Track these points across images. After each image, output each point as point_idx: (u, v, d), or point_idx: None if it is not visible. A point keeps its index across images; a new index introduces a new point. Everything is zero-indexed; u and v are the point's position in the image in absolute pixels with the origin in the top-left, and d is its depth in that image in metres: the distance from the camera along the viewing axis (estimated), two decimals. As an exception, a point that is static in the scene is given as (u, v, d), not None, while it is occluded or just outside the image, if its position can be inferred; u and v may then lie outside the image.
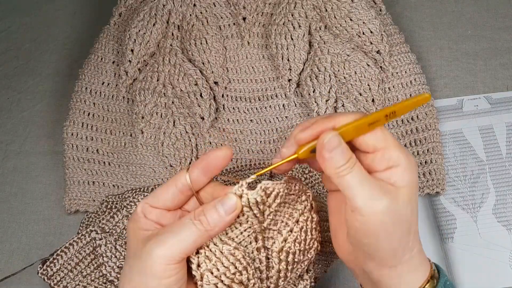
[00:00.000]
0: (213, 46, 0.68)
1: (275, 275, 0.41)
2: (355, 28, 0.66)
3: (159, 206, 0.39)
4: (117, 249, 0.56)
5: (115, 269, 0.55)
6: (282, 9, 0.68)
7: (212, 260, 0.38)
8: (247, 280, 0.39)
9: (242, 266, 0.38)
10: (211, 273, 0.37)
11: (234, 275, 0.38)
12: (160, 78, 0.67)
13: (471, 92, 0.70)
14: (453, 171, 0.64)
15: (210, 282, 0.37)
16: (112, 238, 0.57)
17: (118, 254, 0.56)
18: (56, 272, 0.57)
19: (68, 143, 0.67)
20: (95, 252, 0.57)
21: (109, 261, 0.56)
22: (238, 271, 0.38)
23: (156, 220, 0.39)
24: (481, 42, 0.73)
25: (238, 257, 0.38)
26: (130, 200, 0.60)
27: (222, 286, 0.38)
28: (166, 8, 0.70)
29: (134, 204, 0.60)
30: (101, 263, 0.56)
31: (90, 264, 0.57)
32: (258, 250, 0.41)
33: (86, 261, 0.57)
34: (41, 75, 0.77)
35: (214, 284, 0.38)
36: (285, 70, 0.67)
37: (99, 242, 0.57)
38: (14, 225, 0.66)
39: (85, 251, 0.58)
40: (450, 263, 0.58)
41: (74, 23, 0.82)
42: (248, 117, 0.69)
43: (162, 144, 0.66)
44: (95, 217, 0.62)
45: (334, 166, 0.36)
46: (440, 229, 0.61)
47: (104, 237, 0.57)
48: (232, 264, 0.38)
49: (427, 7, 0.77)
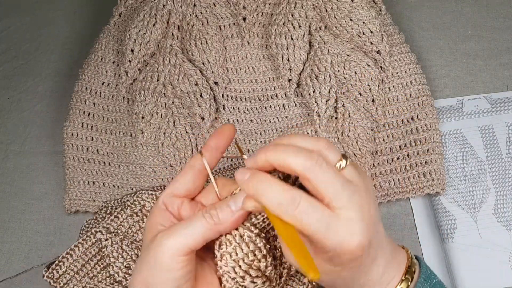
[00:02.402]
0: (213, 46, 0.68)
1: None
2: (355, 28, 0.66)
3: (181, 192, 0.41)
4: (124, 249, 0.56)
5: (122, 269, 0.55)
6: (282, 9, 0.68)
7: (232, 244, 0.38)
8: (264, 267, 0.39)
9: (261, 255, 0.39)
10: (229, 256, 0.38)
11: (252, 262, 0.38)
12: (160, 78, 0.67)
13: (471, 92, 0.70)
14: (453, 171, 0.64)
15: (228, 264, 0.38)
16: (117, 238, 0.57)
17: (124, 254, 0.56)
18: (62, 274, 0.56)
19: (68, 143, 0.67)
20: (101, 253, 0.57)
21: (116, 261, 0.55)
22: (257, 259, 0.38)
23: (176, 212, 0.40)
24: (481, 42, 0.73)
25: (259, 245, 0.39)
26: (134, 199, 0.60)
27: (239, 271, 0.38)
28: (166, 8, 0.70)
29: (138, 203, 0.59)
30: (108, 264, 0.56)
31: (96, 265, 0.57)
32: (274, 237, 0.41)
33: (93, 262, 0.57)
34: (41, 75, 0.77)
35: (232, 267, 0.38)
36: (285, 70, 0.67)
37: (105, 243, 0.56)
38: (14, 225, 0.66)
39: (91, 252, 0.57)
40: (450, 263, 0.58)
41: (74, 23, 0.82)
42: (248, 117, 0.69)
43: (162, 144, 0.66)
44: (95, 222, 0.62)
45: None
46: (440, 229, 0.61)
47: (110, 238, 0.56)
48: (251, 251, 0.38)
49: (427, 7, 0.77)
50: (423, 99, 0.66)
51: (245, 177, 0.37)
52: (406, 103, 0.66)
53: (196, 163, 0.41)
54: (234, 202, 0.38)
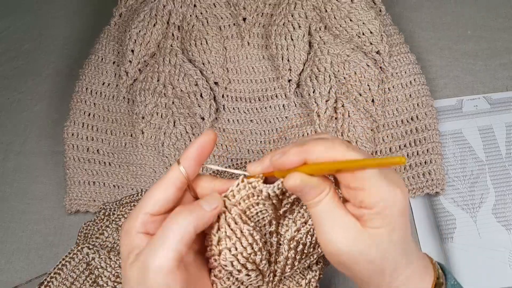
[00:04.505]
0: (213, 46, 0.69)
1: (283, 261, 0.42)
2: (355, 29, 0.66)
3: (160, 211, 0.38)
4: (111, 259, 0.56)
5: (111, 278, 0.55)
6: (282, 10, 0.68)
7: (233, 239, 0.38)
8: (259, 260, 0.39)
9: (258, 247, 0.39)
10: (229, 251, 0.38)
11: (250, 255, 0.39)
12: (161, 78, 0.67)
13: (471, 92, 0.70)
14: (453, 171, 0.64)
15: (227, 259, 0.38)
16: (105, 250, 0.57)
17: (112, 263, 0.56)
18: None
19: (68, 143, 0.67)
20: (89, 268, 0.57)
21: (104, 271, 0.55)
22: (253, 252, 0.39)
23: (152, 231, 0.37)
24: (481, 42, 0.73)
25: (256, 238, 0.39)
26: (118, 214, 0.60)
27: (237, 265, 0.38)
28: (167, 9, 0.70)
29: (122, 217, 0.60)
30: (97, 276, 0.56)
31: (85, 282, 0.57)
32: (270, 234, 0.41)
33: (81, 279, 0.57)
34: (41, 75, 0.78)
35: (230, 262, 0.38)
36: (285, 70, 0.67)
37: (92, 256, 0.56)
38: (14, 225, 0.66)
39: (79, 268, 0.57)
40: (450, 263, 0.58)
41: (74, 23, 0.82)
42: (248, 118, 0.69)
43: (163, 144, 0.66)
44: (93, 225, 0.62)
45: (304, 200, 0.37)
46: (440, 229, 0.61)
47: (97, 251, 0.56)
48: (249, 244, 0.38)
49: (427, 7, 0.77)
50: (422, 99, 0.66)
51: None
52: (405, 103, 0.66)
53: (174, 178, 0.38)
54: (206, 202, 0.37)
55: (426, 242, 0.60)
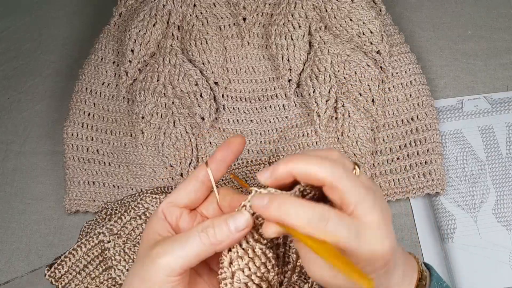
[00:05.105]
0: (213, 46, 0.68)
1: (291, 271, 0.42)
2: (355, 29, 0.66)
3: (182, 202, 0.40)
4: (126, 252, 0.56)
5: (124, 272, 0.55)
6: (282, 10, 0.68)
7: (245, 260, 0.37)
8: (272, 277, 0.39)
9: (271, 265, 0.38)
10: (242, 272, 0.37)
11: (263, 274, 0.37)
12: (160, 78, 0.67)
13: (471, 92, 0.70)
14: (453, 171, 0.64)
15: (241, 280, 0.37)
16: (120, 241, 0.56)
17: (127, 258, 0.56)
18: (64, 274, 0.56)
19: (68, 143, 0.67)
20: (103, 255, 0.57)
21: (118, 264, 0.55)
22: (267, 270, 0.38)
23: (174, 223, 0.39)
24: (481, 42, 0.73)
25: (269, 256, 0.38)
26: (138, 201, 0.60)
27: (252, 285, 0.37)
28: (166, 9, 0.70)
29: (142, 206, 0.59)
30: (110, 266, 0.56)
31: (98, 266, 0.57)
32: (278, 246, 0.41)
33: (95, 263, 0.57)
34: (41, 75, 0.77)
35: (244, 283, 0.37)
36: (285, 70, 0.67)
37: (107, 245, 0.56)
38: (14, 225, 0.66)
39: (93, 253, 0.57)
40: (450, 263, 0.58)
41: (74, 23, 0.82)
42: (248, 117, 0.69)
43: (162, 144, 0.66)
44: (95, 224, 0.62)
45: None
46: (440, 229, 0.61)
47: (112, 240, 0.56)
48: (263, 263, 0.37)
49: (427, 7, 0.77)
50: (423, 99, 0.66)
51: (263, 202, 0.34)
52: (406, 103, 0.66)
53: (200, 174, 0.39)
54: (233, 221, 0.36)
55: (426, 242, 0.60)
